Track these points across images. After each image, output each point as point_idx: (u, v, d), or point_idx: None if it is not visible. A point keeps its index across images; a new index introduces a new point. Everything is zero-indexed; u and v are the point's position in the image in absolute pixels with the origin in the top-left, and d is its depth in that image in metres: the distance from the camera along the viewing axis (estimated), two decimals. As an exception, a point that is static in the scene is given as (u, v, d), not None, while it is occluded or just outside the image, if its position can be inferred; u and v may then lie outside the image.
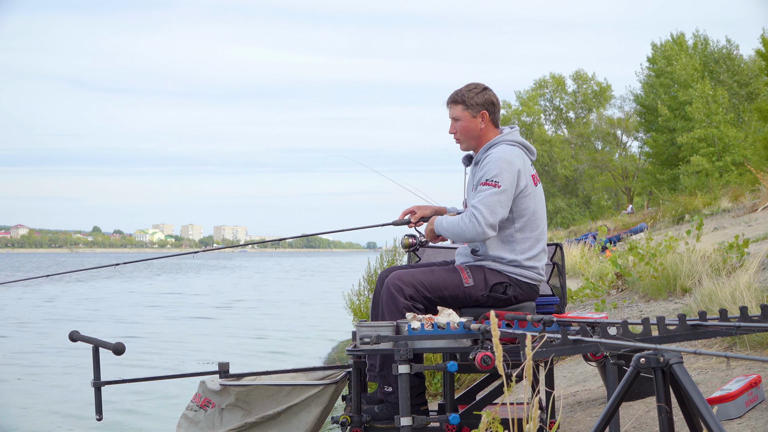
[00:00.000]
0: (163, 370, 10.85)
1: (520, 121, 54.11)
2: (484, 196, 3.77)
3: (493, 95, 3.97)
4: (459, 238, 3.88)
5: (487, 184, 3.78)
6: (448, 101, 3.99)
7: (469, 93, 3.93)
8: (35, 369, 11.69)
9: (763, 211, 14.22)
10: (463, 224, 3.79)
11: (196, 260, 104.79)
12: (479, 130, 3.94)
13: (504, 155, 3.82)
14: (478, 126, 3.93)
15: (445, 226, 3.90)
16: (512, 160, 3.82)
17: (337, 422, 3.77)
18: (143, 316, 20.44)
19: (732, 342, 4.63)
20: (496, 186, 3.76)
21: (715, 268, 6.56)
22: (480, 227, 3.75)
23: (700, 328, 2.91)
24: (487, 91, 3.96)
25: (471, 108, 3.92)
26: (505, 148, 3.87)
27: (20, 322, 18.60)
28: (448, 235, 3.90)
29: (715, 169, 31.74)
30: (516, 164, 3.82)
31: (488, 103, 3.94)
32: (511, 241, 3.84)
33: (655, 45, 38.19)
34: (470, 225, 3.76)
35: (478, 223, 3.75)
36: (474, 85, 3.98)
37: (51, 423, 8.19)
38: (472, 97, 3.92)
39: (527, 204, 3.85)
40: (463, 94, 3.94)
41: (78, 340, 3.94)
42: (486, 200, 3.76)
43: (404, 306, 3.71)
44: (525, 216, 3.86)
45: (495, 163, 3.80)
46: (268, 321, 18.80)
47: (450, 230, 3.87)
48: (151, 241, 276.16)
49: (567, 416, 4.57)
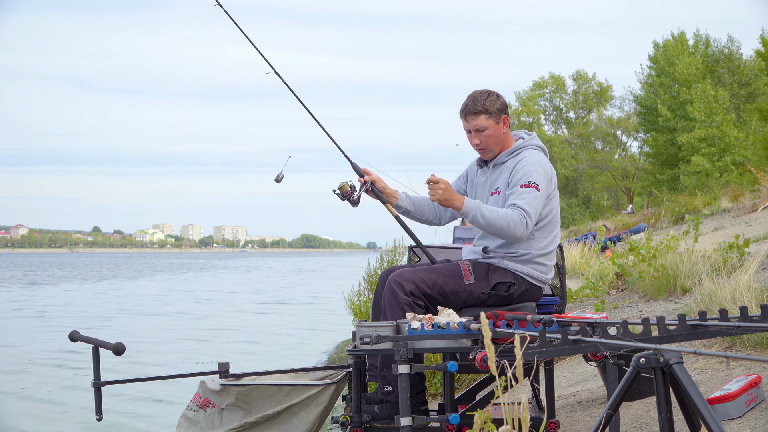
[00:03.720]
0: (163, 370, 10.85)
1: (519, 121, 54.12)
2: (530, 199, 3.75)
3: (504, 99, 4.02)
4: (498, 232, 3.75)
5: (530, 186, 3.77)
6: (468, 113, 3.94)
7: (488, 101, 3.93)
8: (35, 369, 11.68)
9: (763, 211, 14.23)
10: (512, 221, 3.71)
11: (196, 260, 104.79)
12: (503, 135, 3.96)
13: (539, 159, 3.87)
14: (501, 131, 3.95)
15: (487, 216, 3.74)
16: (546, 165, 3.88)
17: (337, 422, 3.77)
18: (143, 316, 20.44)
19: (732, 342, 4.63)
20: (537, 189, 3.77)
21: (715, 268, 6.56)
22: (527, 231, 3.74)
23: (700, 328, 2.91)
24: (500, 97, 4.00)
25: (494, 115, 3.92)
26: (535, 152, 3.92)
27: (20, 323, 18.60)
28: (484, 224, 3.75)
29: (715, 169, 31.74)
30: (549, 170, 3.88)
31: (505, 107, 3.98)
32: (530, 238, 3.85)
33: (656, 44, 38.18)
34: (521, 226, 3.72)
35: (526, 227, 3.73)
36: (486, 92, 3.98)
37: (51, 423, 8.19)
38: (491, 104, 3.93)
39: (553, 206, 3.90)
40: (483, 102, 3.92)
41: (78, 340, 3.94)
42: (533, 203, 3.75)
43: (405, 302, 3.71)
44: (548, 217, 3.89)
45: (532, 166, 3.82)
46: (268, 321, 18.80)
47: (492, 220, 3.73)
48: (151, 241, 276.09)
49: (567, 416, 4.57)
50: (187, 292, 31.84)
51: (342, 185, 4.09)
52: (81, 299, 26.90)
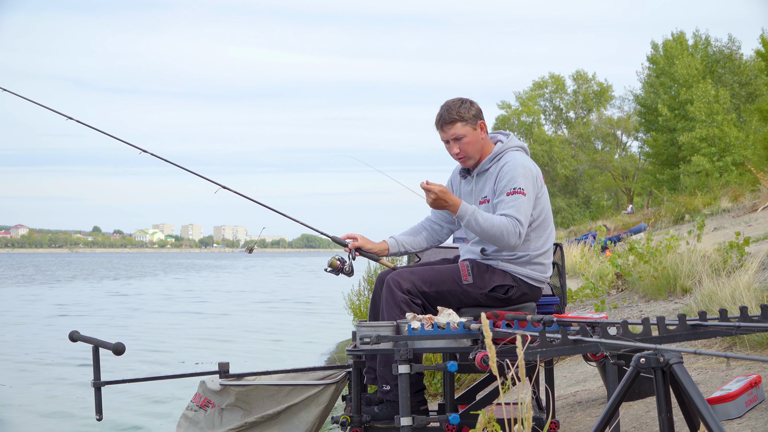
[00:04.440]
0: (163, 370, 10.85)
1: (519, 122, 54.13)
2: (519, 206, 3.74)
3: (478, 105, 3.99)
4: (491, 239, 3.77)
5: (516, 193, 3.76)
6: (444, 122, 3.93)
7: (462, 108, 3.92)
8: (35, 368, 11.69)
9: (763, 211, 14.23)
10: (505, 230, 3.72)
11: (196, 260, 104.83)
12: (482, 141, 3.94)
13: (520, 162, 3.85)
14: (480, 137, 3.93)
15: (481, 222, 3.75)
16: (528, 166, 3.86)
17: (337, 422, 3.77)
18: (143, 315, 20.44)
19: (732, 342, 4.63)
20: (524, 194, 3.77)
21: (715, 268, 6.56)
22: (520, 240, 3.74)
23: (700, 328, 2.91)
24: (474, 103, 3.98)
25: (470, 122, 3.91)
26: (516, 154, 3.90)
27: (22, 321, 18.61)
28: (479, 230, 3.76)
29: (716, 169, 31.74)
30: (532, 170, 3.86)
31: (480, 113, 3.96)
32: (527, 240, 3.85)
33: (655, 44, 38.18)
34: (514, 236, 3.73)
35: (519, 236, 3.73)
36: (459, 100, 3.97)
37: (51, 423, 8.19)
38: (466, 111, 3.91)
39: (542, 204, 3.90)
40: (458, 110, 3.92)
41: (78, 340, 3.94)
42: (522, 210, 3.74)
43: (402, 300, 3.71)
44: (541, 216, 3.88)
45: (515, 171, 3.81)
46: (268, 321, 18.80)
47: (486, 228, 3.74)
48: (151, 241, 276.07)
49: (567, 416, 4.57)
50: (186, 292, 31.85)
51: (331, 261, 4.14)
52: (80, 299, 26.91)
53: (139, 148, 4.72)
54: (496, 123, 53.60)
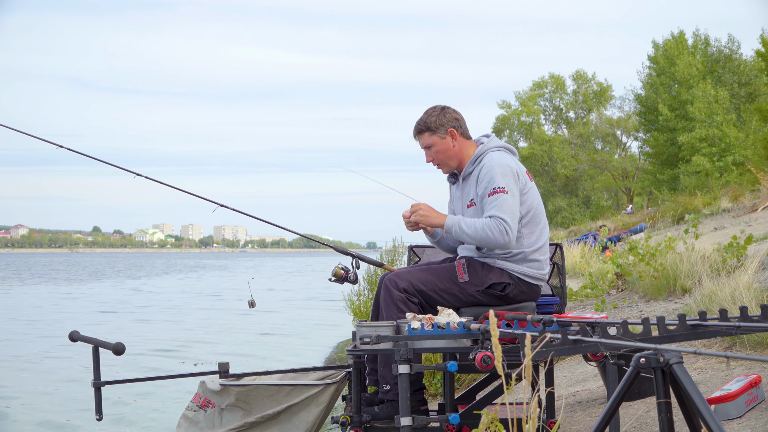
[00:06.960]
0: (163, 370, 10.85)
1: (519, 121, 54.12)
2: (501, 204, 3.75)
3: (453, 111, 4.01)
4: (481, 242, 3.79)
5: (496, 192, 3.78)
6: (414, 133, 4.03)
7: (430, 118, 3.97)
8: (35, 369, 11.68)
9: (763, 211, 14.22)
10: (490, 232, 3.73)
11: (195, 260, 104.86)
12: (454, 148, 3.97)
13: (497, 161, 3.86)
14: (450, 145, 3.96)
15: (466, 230, 3.80)
16: (506, 163, 3.86)
17: (337, 422, 3.77)
18: (142, 315, 20.44)
19: (732, 342, 4.63)
20: (505, 192, 3.78)
21: (715, 268, 6.56)
22: (508, 237, 3.75)
23: (700, 328, 2.91)
24: (446, 110, 4.00)
25: (438, 131, 3.96)
26: (493, 155, 3.91)
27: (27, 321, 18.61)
28: (468, 238, 3.80)
29: (716, 169, 31.74)
30: (511, 166, 3.86)
31: (451, 120, 3.98)
32: (519, 237, 3.86)
33: (656, 44, 38.17)
34: (500, 235, 3.73)
35: (507, 234, 3.74)
36: (431, 108, 4.02)
37: (51, 423, 8.19)
38: (434, 120, 3.96)
39: (530, 199, 3.90)
40: (425, 120, 3.98)
41: (78, 340, 3.94)
42: (507, 208, 3.75)
43: (399, 299, 3.73)
44: (531, 211, 3.89)
45: (492, 171, 3.82)
46: (268, 321, 18.79)
47: (472, 235, 3.78)
48: (151, 241, 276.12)
49: (567, 416, 4.57)
50: (186, 291, 31.85)
51: (335, 271, 4.21)
52: (81, 299, 26.91)
53: (133, 172, 4.78)
54: (496, 123, 53.69)
